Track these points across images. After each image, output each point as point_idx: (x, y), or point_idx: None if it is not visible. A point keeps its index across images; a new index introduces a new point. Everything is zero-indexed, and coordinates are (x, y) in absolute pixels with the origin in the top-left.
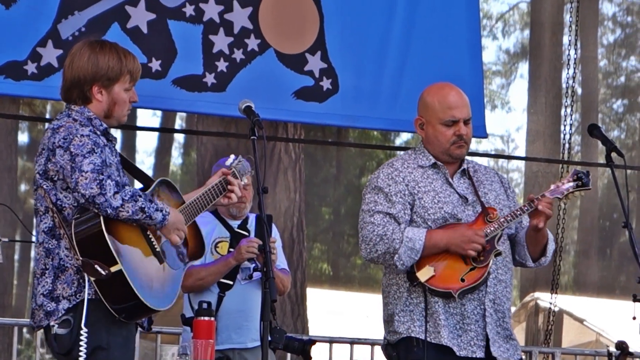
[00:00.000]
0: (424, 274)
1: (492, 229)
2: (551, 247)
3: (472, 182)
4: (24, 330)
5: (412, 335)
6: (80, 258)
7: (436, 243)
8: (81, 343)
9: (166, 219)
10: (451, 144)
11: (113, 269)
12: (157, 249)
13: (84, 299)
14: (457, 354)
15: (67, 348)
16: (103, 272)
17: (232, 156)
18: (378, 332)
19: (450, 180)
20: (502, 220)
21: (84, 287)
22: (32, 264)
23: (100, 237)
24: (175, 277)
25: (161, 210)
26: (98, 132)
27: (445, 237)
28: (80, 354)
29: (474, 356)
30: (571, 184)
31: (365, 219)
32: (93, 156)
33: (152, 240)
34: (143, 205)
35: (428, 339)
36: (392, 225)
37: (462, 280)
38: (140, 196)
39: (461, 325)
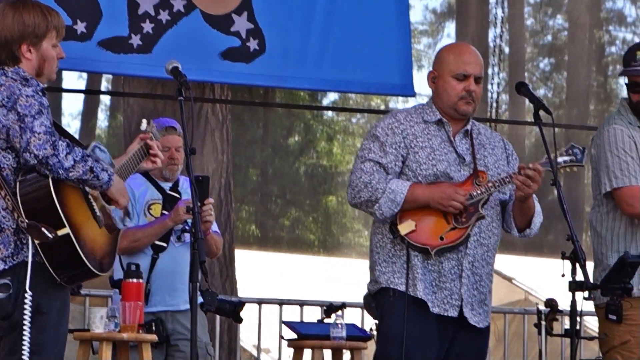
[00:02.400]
0: (404, 228)
1: (478, 192)
2: (538, 219)
3: (472, 143)
4: None
5: (391, 286)
6: (26, 220)
7: (417, 198)
8: (25, 307)
9: (111, 179)
10: (459, 99)
11: (60, 232)
12: (97, 213)
13: (21, 262)
14: (431, 310)
15: (7, 312)
16: (50, 236)
17: (144, 121)
18: (306, 293)
19: (451, 138)
20: (489, 184)
21: (22, 249)
22: None
23: (48, 199)
24: (112, 241)
25: (106, 170)
26: (39, 92)
27: (427, 193)
28: (25, 317)
29: (446, 314)
30: (565, 157)
31: (357, 164)
32: (42, 117)
33: (92, 204)
34: (92, 165)
35: (407, 292)
36: (379, 174)
37: (441, 238)
38: (89, 156)
39: (437, 283)
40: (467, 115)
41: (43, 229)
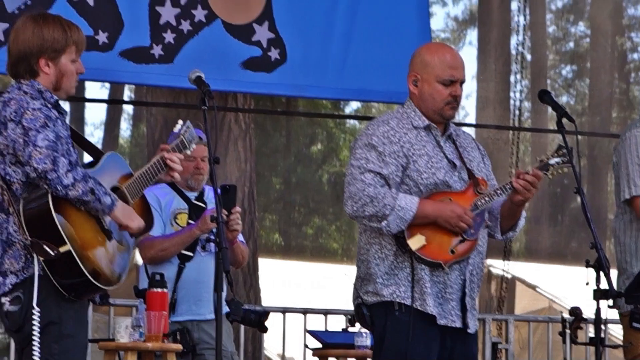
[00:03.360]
0: (415, 243)
1: (482, 201)
2: (521, 223)
3: (456, 147)
4: None
5: (397, 300)
6: (29, 238)
7: (426, 215)
8: (34, 322)
9: (115, 204)
10: (445, 104)
11: (62, 249)
12: (106, 226)
13: (32, 275)
14: (438, 322)
15: (19, 324)
16: (52, 253)
17: (180, 121)
18: (330, 301)
19: (441, 143)
20: (492, 193)
21: (32, 263)
22: None
23: (48, 216)
24: (124, 254)
25: (110, 195)
26: (49, 105)
27: (436, 210)
28: (34, 332)
29: (453, 325)
30: (557, 159)
31: (355, 175)
32: (46, 131)
33: (101, 217)
34: (93, 187)
35: (412, 305)
36: (383, 188)
37: (452, 252)
38: (91, 177)
39: (443, 294)
40: (450, 119)
41: (45, 246)
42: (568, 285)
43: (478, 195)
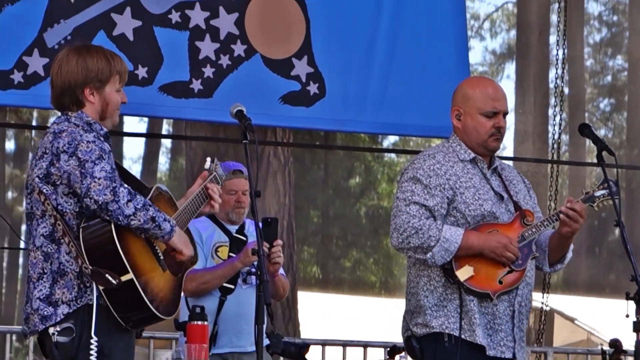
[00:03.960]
0: (463, 274)
1: (529, 232)
2: (569, 255)
3: (502, 179)
4: (14, 337)
5: (446, 331)
6: (90, 267)
7: (471, 246)
8: (91, 352)
9: (174, 230)
10: (489, 136)
11: (124, 278)
12: (161, 257)
13: (85, 305)
14: (487, 353)
15: (71, 356)
16: (114, 282)
17: (209, 159)
18: (369, 334)
19: (487, 175)
20: (539, 224)
21: (85, 292)
22: (20, 271)
23: (111, 244)
24: (177, 284)
25: (169, 221)
26: (101, 138)
27: (481, 242)
28: None
29: (503, 356)
30: (603, 191)
31: (401, 207)
32: (103, 162)
33: (155, 247)
34: (154, 215)
35: (462, 337)
36: (428, 220)
37: (500, 282)
38: (151, 205)
39: (492, 325)
40: (495, 151)
41: (107, 275)
42: (606, 318)
43: (525, 226)
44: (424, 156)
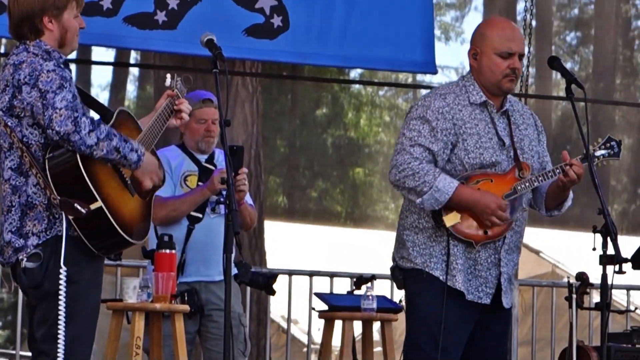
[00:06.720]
0: (450, 220)
1: (522, 187)
2: (567, 203)
3: (509, 123)
4: None
5: (427, 270)
6: (58, 197)
7: (460, 201)
8: (60, 281)
9: (141, 160)
10: (503, 76)
11: (92, 206)
12: (128, 181)
13: (55, 235)
14: (466, 297)
15: (38, 281)
16: (83, 211)
17: (168, 75)
18: (335, 264)
19: (495, 120)
20: (533, 178)
21: (54, 224)
22: None
23: (77, 173)
24: (146, 207)
25: (136, 151)
26: (61, 65)
27: (471, 201)
28: (60, 292)
29: (479, 302)
30: (604, 151)
31: (405, 146)
32: (64, 92)
33: (122, 172)
34: (118, 145)
35: (442, 280)
36: (428, 165)
37: (486, 232)
38: (115, 135)
39: (472, 271)
40: (509, 93)
41: (76, 204)
42: (571, 250)
43: (519, 179)
44: (436, 95)
